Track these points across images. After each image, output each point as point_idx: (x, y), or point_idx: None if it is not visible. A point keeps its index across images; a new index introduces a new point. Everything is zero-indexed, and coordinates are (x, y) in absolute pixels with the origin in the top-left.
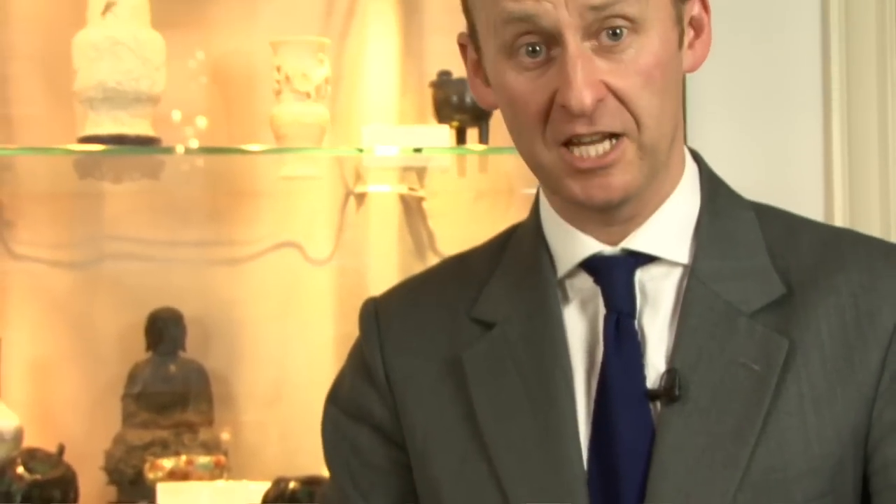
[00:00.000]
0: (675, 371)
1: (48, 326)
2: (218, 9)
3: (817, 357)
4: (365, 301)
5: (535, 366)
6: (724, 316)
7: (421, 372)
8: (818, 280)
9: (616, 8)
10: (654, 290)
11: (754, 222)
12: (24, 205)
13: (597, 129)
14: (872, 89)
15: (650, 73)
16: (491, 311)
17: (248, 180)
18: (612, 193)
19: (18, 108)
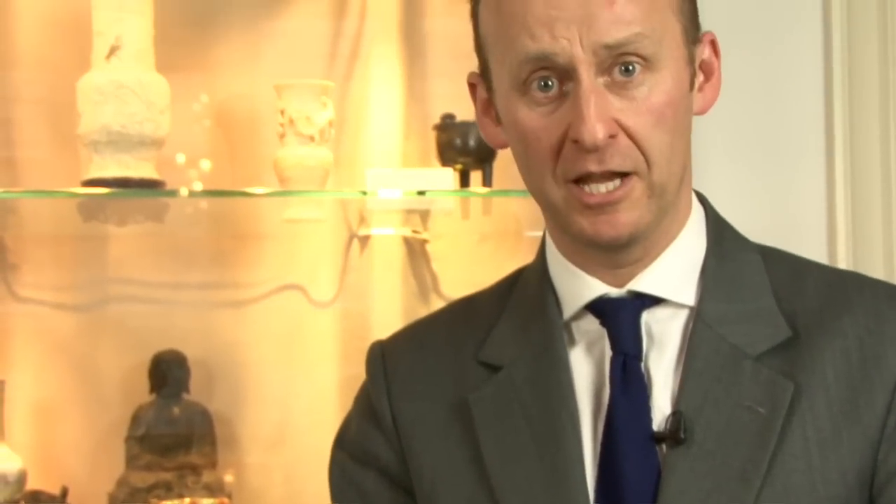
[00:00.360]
0: (680, 414)
1: (52, 369)
2: (222, 52)
3: (823, 400)
4: (372, 344)
5: (541, 409)
6: (730, 359)
7: (428, 415)
8: (824, 323)
9: (630, 47)
10: (660, 333)
11: (760, 265)
12: (28, 247)
13: (607, 167)
14: (875, 131)
15: (662, 111)
16: (497, 353)
17: (252, 223)
18: (620, 230)
19: (23, 151)
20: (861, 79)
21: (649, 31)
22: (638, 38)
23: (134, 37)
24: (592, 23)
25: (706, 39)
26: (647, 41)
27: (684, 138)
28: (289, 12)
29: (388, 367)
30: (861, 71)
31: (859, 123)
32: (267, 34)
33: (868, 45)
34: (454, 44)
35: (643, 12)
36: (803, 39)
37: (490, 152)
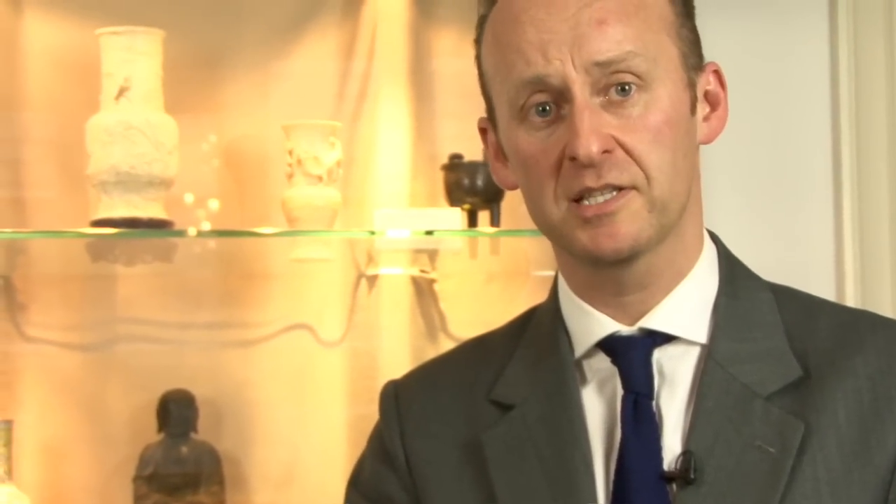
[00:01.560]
0: (690, 454)
1: (60, 408)
2: (230, 93)
3: (833, 440)
4: (385, 384)
5: (554, 449)
6: (741, 398)
7: (441, 455)
8: (836, 363)
9: (622, 65)
10: (671, 371)
11: (772, 304)
12: (37, 287)
13: (605, 181)
14: (883, 173)
15: (659, 128)
16: (510, 393)
17: (260, 263)
18: (620, 242)
19: (32, 191)
20: (869, 122)
21: (642, 49)
22: (629, 55)
23: (143, 77)
24: (583, 43)
25: (709, 69)
26: (639, 59)
27: (688, 159)
28: (297, 53)
29: (401, 407)
30: (869, 115)
31: (867, 165)
32: (275, 75)
33: (876, 90)
34: (462, 84)
35: (635, 32)
36: (812, 84)
37: (498, 192)
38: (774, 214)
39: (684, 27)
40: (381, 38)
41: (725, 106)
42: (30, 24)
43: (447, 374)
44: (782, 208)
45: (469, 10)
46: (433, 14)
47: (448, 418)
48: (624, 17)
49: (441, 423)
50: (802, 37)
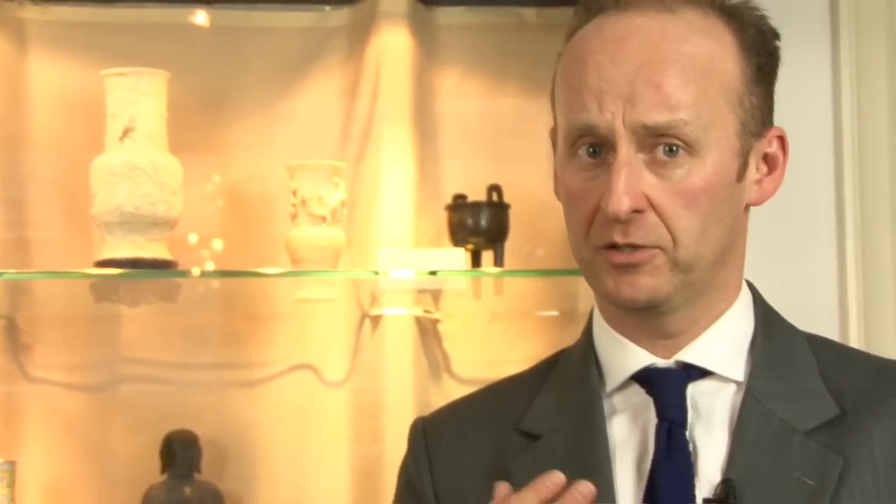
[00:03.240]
0: (731, 481)
1: (63, 449)
2: (234, 133)
3: (870, 476)
4: (414, 420)
5: (578, 477)
6: (780, 433)
7: (470, 489)
8: (872, 404)
9: (671, 131)
10: (707, 405)
11: (807, 348)
12: (40, 328)
13: (630, 240)
14: (886, 217)
15: (695, 195)
16: (538, 423)
17: (264, 303)
18: (638, 293)
19: (36, 231)
20: (871, 167)
21: (693, 118)
22: (679, 123)
23: (147, 118)
24: (636, 102)
25: (773, 134)
26: (689, 128)
27: (723, 224)
28: (301, 94)
29: (429, 442)
30: (871, 159)
31: (870, 209)
32: (279, 115)
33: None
34: (465, 125)
35: (691, 99)
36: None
37: (501, 233)
38: (778, 258)
39: (752, 94)
40: (384, 79)
41: (782, 171)
42: (35, 64)
43: (475, 408)
44: (786, 252)
45: (472, 51)
46: (436, 55)
47: (476, 450)
48: (683, 83)
49: (469, 456)
50: (804, 83)
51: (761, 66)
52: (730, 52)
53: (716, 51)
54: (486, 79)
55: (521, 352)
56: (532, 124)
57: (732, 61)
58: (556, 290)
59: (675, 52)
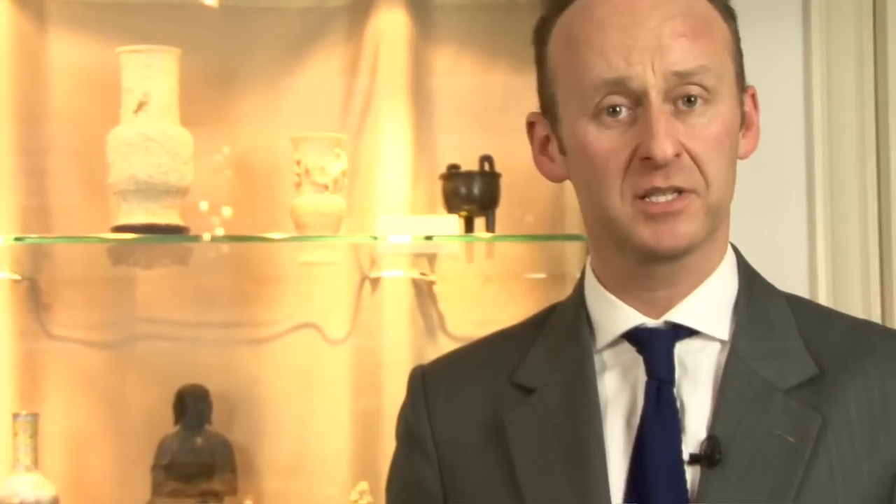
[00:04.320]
0: (716, 438)
1: (82, 402)
2: (242, 107)
3: (846, 433)
4: (413, 369)
5: (570, 430)
6: (762, 391)
7: (467, 437)
8: (848, 363)
9: (696, 77)
10: (693, 363)
11: (787, 309)
12: (61, 289)
13: (672, 183)
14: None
15: (720, 139)
16: (531, 377)
17: (270, 266)
18: (679, 240)
19: (56, 199)
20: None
21: (712, 65)
22: (703, 69)
23: (160, 93)
24: (665, 52)
25: (749, 92)
26: (709, 74)
27: (734, 168)
28: (304, 70)
29: (428, 391)
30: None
31: (838, 175)
32: (284, 90)
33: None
34: (459, 99)
35: (708, 49)
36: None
37: (493, 200)
38: (751, 221)
39: (738, 50)
40: (383, 57)
41: (758, 128)
42: (54, 42)
43: (472, 360)
44: (759, 216)
45: (465, 30)
46: (432, 34)
47: (472, 400)
48: (700, 34)
49: (466, 406)
50: (776, 52)
51: (736, 29)
52: (719, 15)
53: (711, 11)
54: (479, 56)
55: (512, 311)
56: (522, 99)
57: (721, 21)
58: (544, 254)
59: (686, 9)
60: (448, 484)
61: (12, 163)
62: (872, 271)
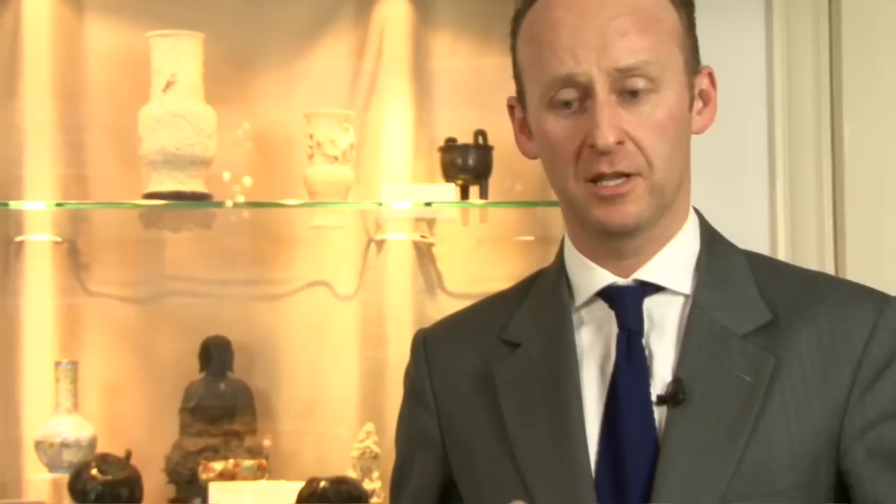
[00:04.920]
0: (680, 380)
1: (117, 352)
2: (260, 86)
3: (798, 373)
4: (416, 332)
5: (551, 379)
6: (721, 337)
7: (461, 389)
8: (800, 311)
9: (637, 71)
10: (659, 316)
11: (745, 264)
12: (97, 251)
13: (616, 168)
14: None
15: (663, 125)
16: (517, 333)
17: (286, 229)
18: (628, 219)
19: (92, 169)
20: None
21: (654, 58)
22: (644, 64)
23: (186, 74)
24: (608, 50)
25: (705, 71)
26: (652, 66)
27: (682, 150)
28: (316, 53)
29: (429, 351)
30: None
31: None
32: (298, 72)
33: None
34: (455, 80)
35: (650, 43)
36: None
37: (486, 170)
38: (718, 188)
39: (688, 37)
40: (387, 41)
41: (715, 103)
42: (90, 27)
43: (467, 321)
44: (725, 183)
45: (462, 17)
46: (432, 20)
47: (467, 357)
48: (642, 30)
49: (461, 362)
50: (741, 35)
51: (689, 14)
52: (667, 4)
53: (658, 3)
54: (474, 41)
55: (502, 271)
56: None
57: (671, 11)
58: (532, 219)
59: (629, 7)
60: (446, 430)
61: (53, 137)
62: (826, 231)
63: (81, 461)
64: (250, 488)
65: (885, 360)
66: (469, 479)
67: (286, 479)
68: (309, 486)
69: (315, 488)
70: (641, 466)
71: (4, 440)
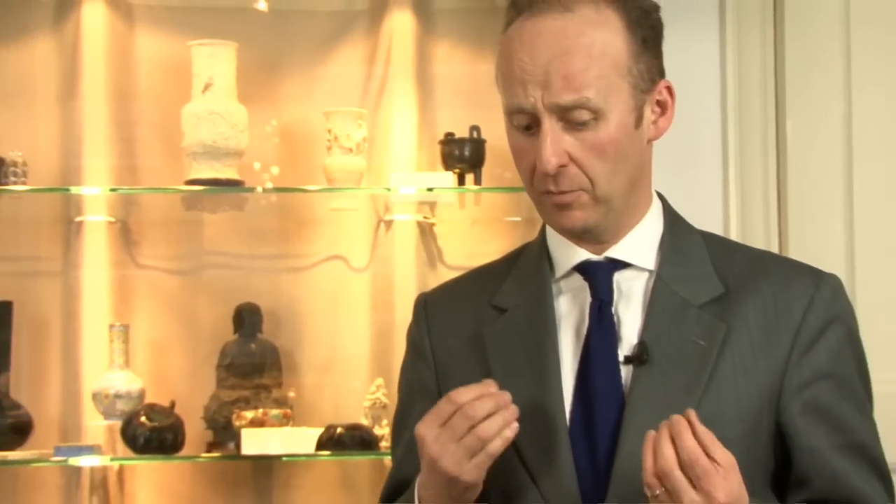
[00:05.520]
0: (644, 343)
1: (163, 316)
2: (285, 88)
3: (746, 338)
4: (417, 296)
5: (533, 340)
6: (680, 306)
7: (456, 346)
8: (748, 284)
9: (579, 105)
10: (627, 288)
11: (702, 243)
12: (146, 229)
13: (560, 188)
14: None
15: (604, 148)
16: (505, 300)
17: (307, 211)
18: (575, 223)
19: (142, 159)
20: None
21: (594, 94)
22: (585, 100)
23: (222, 77)
24: (550, 88)
25: (662, 85)
26: (592, 102)
27: (629, 163)
28: (333, 60)
29: (428, 313)
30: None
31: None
32: (318, 76)
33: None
34: (453, 83)
35: (591, 80)
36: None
37: (480, 160)
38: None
39: (639, 63)
40: (394, 50)
41: (672, 112)
42: (140, 37)
43: (461, 287)
44: (685, 172)
45: (459, 29)
46: (433, 32)
47: (461, 318)
48: (583, 68)
49: (456, 323)
50: (699, 45)
51: (645, 38)
52: (619, 34)
53: (607, 37)
54: (469, 50)
55: (494, 247)
56: None
57: (621, 41)
58: (520, 202)
59: (575, 46)
60: (441, 382)
61: (108, 132)
62: (772, 214)
63: (132, 410)
64: (277, 434)
65: (820, 328)
66: None
67: (307, 425)
68: (327, 432)
69: (332, 434)
70: (609, 417)
71: (67, 392)
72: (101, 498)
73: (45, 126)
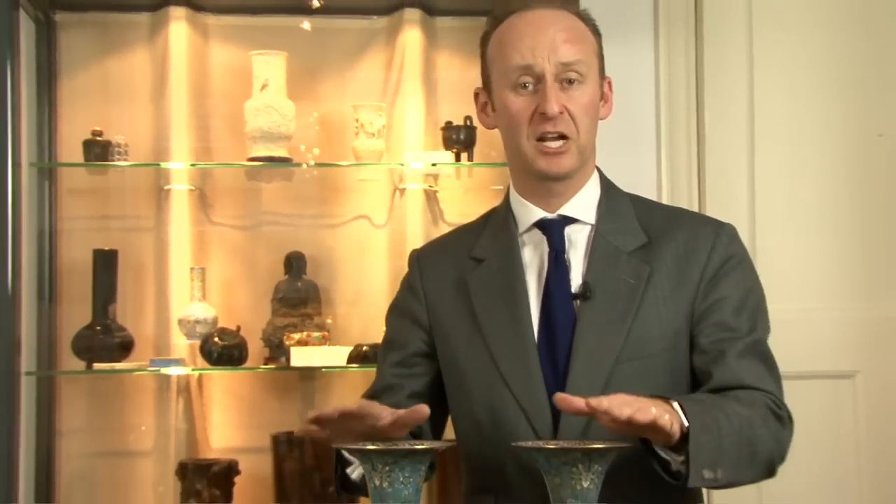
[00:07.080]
0: (587, 283)
1: (230, 261)
2: (324, 87)
3: (665, 276)
4: (411, 251)
5: (506, 283)
6: (614, 254)
7: (444, 290)
8: (666, 235)
9: (574, 66)
10: (575, 239)
11: (629, 204)
12: (218, 195)
13: (558, 129)
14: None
15: (587, 106)
16: (482, 252)
17: (341, 181)
18: (562, 168)
19: (215, 142)
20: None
21: (584, 60)
22: (578, 62)
23: (275, 79)
24: (556, 50)
25: (607, 80)
26: (581, 65)
27: (594, 126)
28: (360, 66)
29: (420, 263)
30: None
31: (675, 127)
32: (348, 78)
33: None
34: (453, 84)
35: (581, 50)
36: (642, 83)
37: (472, 142)
38: (622, 154)
39: (600, 56)
40: (407, 58)
41: (611, 102)
42: (213, 48)
43: (447, 244)
44: (627, 151)
45: (457, 43)
46: (437, 45)
47: (446, 267)
48: (576, 41)
49: (442, 272)
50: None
51: (600, 42)
52: (588, 32)
53: (584, 29)
54: (464, 58)
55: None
56: None
57: (591, 36)
58: (503, 175)
59: (569, 26)
60: (431, 318)
61: (188, 121)
62: (693, 183)
63: (208, 332)
64: (317, 351)
65: (720, 264)
66: (448, 351)
67: (341, 344)
68: (356, 350)
69: (360, 351)
70: (565, 338)
71: (159, 318)
72: (185, 399)
73: (141, 116)
